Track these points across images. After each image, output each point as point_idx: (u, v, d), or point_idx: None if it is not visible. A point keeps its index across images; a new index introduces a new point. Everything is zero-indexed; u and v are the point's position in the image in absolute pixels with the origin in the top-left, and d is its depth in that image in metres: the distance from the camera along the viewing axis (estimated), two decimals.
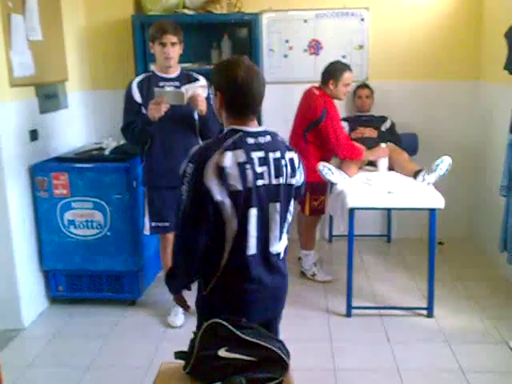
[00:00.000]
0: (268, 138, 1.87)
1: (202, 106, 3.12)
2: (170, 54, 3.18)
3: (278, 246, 1.93)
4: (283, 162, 1.88)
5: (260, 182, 1.81)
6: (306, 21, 4.60)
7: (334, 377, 2.89)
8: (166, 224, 3.38)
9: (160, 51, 3.19)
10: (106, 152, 3.80)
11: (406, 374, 2.91)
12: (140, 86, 3.25)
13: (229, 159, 1.76)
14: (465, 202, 4.81)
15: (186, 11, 4.34)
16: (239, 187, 1.77)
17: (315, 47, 4.65)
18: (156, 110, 3.07)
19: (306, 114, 3.88)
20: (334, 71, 3.83)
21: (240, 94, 1.81)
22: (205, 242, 1.84)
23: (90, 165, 3.61)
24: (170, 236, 3.42)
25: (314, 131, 3.82)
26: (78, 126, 4.34)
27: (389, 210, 4.62)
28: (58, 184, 3.55)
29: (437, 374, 2.92)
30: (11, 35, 3.32)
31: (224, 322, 1.93)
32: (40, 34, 3.65)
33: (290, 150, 1.94)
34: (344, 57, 4.59)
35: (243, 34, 4.54)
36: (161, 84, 3.23)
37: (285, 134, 4.12)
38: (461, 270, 4.22)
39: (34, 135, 3.60)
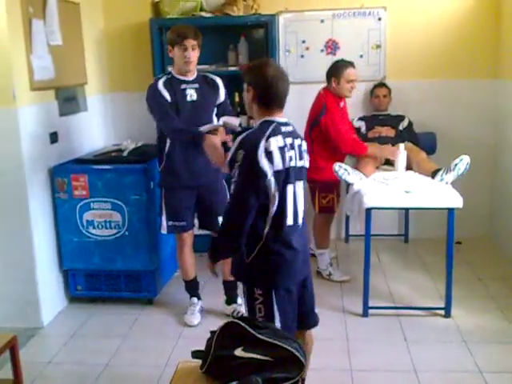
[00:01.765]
0: (291, 127, 2.23)
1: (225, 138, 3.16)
2: (191, 57, 3.19)
3: (302, 217, 2.24)
4: (303, 147, 2.26)
5: (292, 163, 2.14)
6: (322, 21, 4.58)
7: (351, 376, 2.88)
8: (183, 223, 3.38)
9: (181, 55, 3.18)
10: (125, 154, 3.82)
11: (423, 374, 2.88)
12: (166, 85, 3.23)
13: (273, 144, 2.08)
14: (483, 201, 4.74)
15: (204, 14, 4.36)
16: (281, 167, 2.09)
17: (332, 47, 4.63)
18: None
19: (310, 114, 3.97)
20: (335, 69, 3.87)
21: (270, 89, 2.13)
22: (253, 217, 2.09)
23: (109, 166, 3.65)
24: (186, 236, 3.44)
25: (317, 128, 3.85)
26: (97, 129, 4.37)
27: (406, 209, 4.58)
28: (78, 185, 3.59)
29: (454, 374, 2.88)
30: (32, 40, 3.36)
31: (240, 322, 1.93)
32: (60, 38, 3.69)
33: (302, 138, 2.31)
34: (361, 56, 4.57)
35: (260, 35, 4.54)
36: (182, 87, 3.24)
37: (301, 134, 4.14)
38: (479, 270, 4.16)
39: (54, 137, 3.64)
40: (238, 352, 1.85)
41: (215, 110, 3.37)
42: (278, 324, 2.15)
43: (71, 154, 3.85)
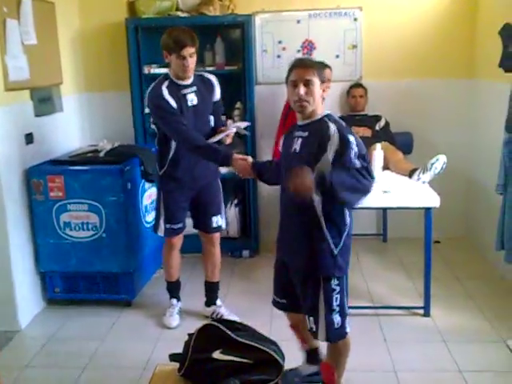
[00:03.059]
0: None
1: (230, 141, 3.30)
2: (190, 65, 3.10)
3: None
4: None
5: None
6: (299, 21, 4.57)
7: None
8: (180, 225, 3.35)
9: (179, 64, 3.07)
10: (101, 154, 3.77)
11: (403, 374, 2.88)
12: (170, 93, 3.09)
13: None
14: (461, 201, 4.78)
15: (179, 14, 4.32)
16: None
17: (308, 47, 4.62)
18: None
19: (283, 111, 4.00)
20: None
21: None
22: None
23: (86, 167, 3.60)
24: (179, 238, 3.39)
25: (289, 117, 3.86)
26: (73, 129, 4.31)
27: (384, 209, 4.59)
28: (54, 186, 3.53)
29: (434, 373, 2.89)
30: (6, 40, 3.30)
31: (218, 324, 1.92)
32: (35, 38, 3.62)
33: None
34: (338, 56, 4.57)
35: (236, 36, 4.51)
36: (183, 92, 3.14)
37: (275, 131, 4.14)
38: (458, 269, 4.19)
39: (29, 138, 3.58)
40: (216, 355, 1.84)
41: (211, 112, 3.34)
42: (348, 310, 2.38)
43: (47, 154, 3.78)
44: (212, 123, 3.31)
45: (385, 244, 4.77)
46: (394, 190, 3.41)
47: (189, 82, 3.19)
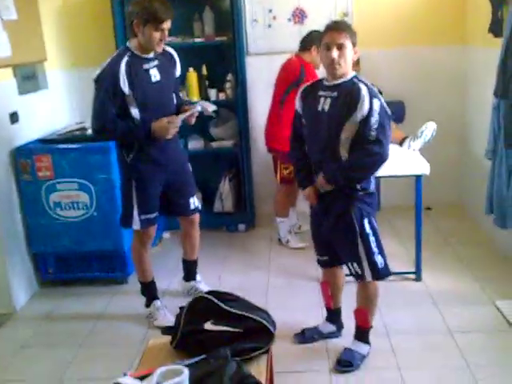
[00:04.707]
0: None
1: (192, 122, 3.16)
2: (165, 39, 2.96)
3: None
4: None
5: None
6: None
7: (325, 341, 2.97)
8: (155, 214, 3.17)
9: (154, 36, 2.87)
10: (89, 131, 3.76)
11: (395, 336, 2.98)
12: (128, 72, 2.88)
13: None
14: (452, 167, 4.82)
15: None
16: None
17: (299, 16, 4.59)
18: (171, 133, 2.99)
19: (285, 78, 3.91)
20: (316, 37, 3.78)
21: None
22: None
23: (73, 145, 3.59)
24: (153, 229, 3.24)
25: (294, 93, 3.81)
26: (60, 107, 4.29)
27: (376, 177, 4.61)
28: (42, 166, 3.54)
29: (424, 335, 2.98)
30: None
31: (209, 296, 1.96)
32: (15, 13, 3.58)
33: None
34: None
35: (225, 5, 4.45)
36: (145, 67, 2.98)
37: (267, 103, 4.14)
38: (449, 234, 4.26)
39: (14, 118, 3.57)
40: (208, 326, 1.88)
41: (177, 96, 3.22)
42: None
43: (34, 134, 3.78)
44: (175, 101, 3.17)
45: (378, 212, 4.77)
46: None
47: (151, 55, 3.00)
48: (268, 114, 4.12)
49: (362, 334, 2.81)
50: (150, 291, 3.34)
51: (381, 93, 4.45)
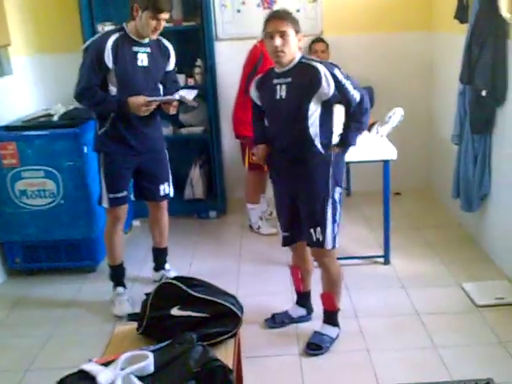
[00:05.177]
0: None
1: (172, 112, 3.14)
2: (160, 29, 2.99)
3: None
4: None
5: None
6: None
7: (295, 325, 3.00)
8: (125, 193, 3.18)
9: (150, 24, 2.92)
10: (55, 118, 3.71)
11: (363, 318, 3.02)
12: (114, 48, 2.94)
13: None
14: (421, 152, 4.88)
15: None
16: None
17: (268, 1, 4.56)
18: (144, 111, 2.99)
19: (247, 64, 3.94)
20: None
21: None
22: None
23: (39, 132, 3.53)
24: (124, 209, 3.24)
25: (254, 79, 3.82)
26: (25, 93, 4.20)
27: (346, 163, 4.64)
28: (7, 154, 3.47)
29: (392, 317, 3.03)
30: None
31: (175, 282, 1.96)
32: None
33: None
34: (298, 11, 4.51)
35: None
36: (134, 49, 3.01)
37: (236, 90, 4.13)
38: (417, 219, 4.33)
39: None
40: (174, 311, 1.88)
41: (161, 88, 3.21)
42: None
43: None
44: (161, 92, 3.19)
45: (348, 198, 4.85)
46: None
47: (145, 41, 3.06)
48: (235, 101, 4.12)
49: (330, 317, 2.85)
50: (115, 275, 3.34)
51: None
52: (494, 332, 2.82)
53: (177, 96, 3.09)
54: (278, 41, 2.50)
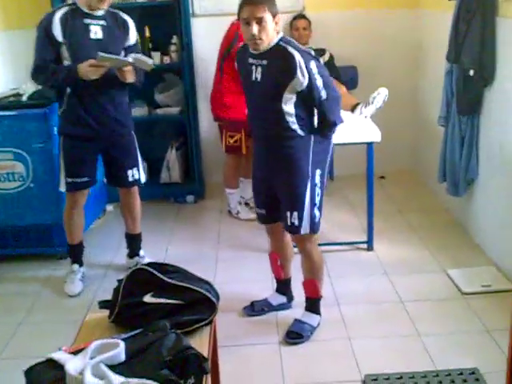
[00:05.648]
0: None
1: (129, 79, 3.06)
2: None
3: None
4: None
5: None
6: None
7: (275, 313, 3.00)
8: (85, 179, 3.18)
9: None
10: (24, 98, 3.66)
11: (345, 306, 3.03)
12: (63, 20, 2.94)
13: None
14: (406, 135, 4.89)
15: None
16: None
17: None
18: (93, 72, 2.91)
19: (222, 44, 3.92)
20: None
21: None
22: None
23: (7, 112, 3.48)
24: (81, 194, 3.24)
25: (229, 60, 3.78)
26: None
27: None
28: None
29: (375, 305, 3.04)
30: None
31: (148, 268, 1.93)
32: None
33: None
34: None
35: None
36: (86, 21, 2.98)
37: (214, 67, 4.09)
38: (402, 203, 4.35)
39: None
40: (147, 298, 1.85)
41: (123, 53, 3.14)
42: None
43: None
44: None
45: (331, 182, 4.84)
46: None
47: (98, 13, 3.01)
48: (213, 81, 4.09)
49: (312, 305, 2.85)
50: (72, 254, 3.42)
51: (332, 58, 4.49)
52: (480, 320, 2.83)
53: (130, 58, 3.01)
54: (254, 28, 2.41)
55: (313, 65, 2.47)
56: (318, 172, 2.65)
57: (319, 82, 2.48)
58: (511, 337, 2.19)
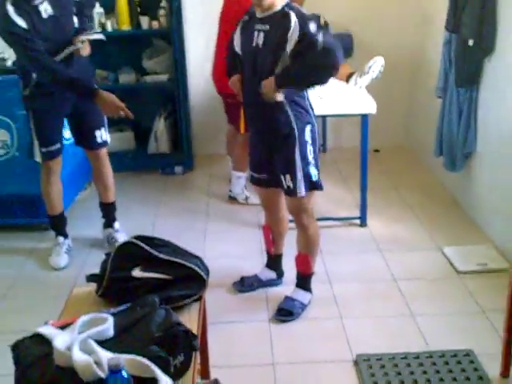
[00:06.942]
0: None
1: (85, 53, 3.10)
2: None
3: None
4: None
5: None
6: None
7: (265, 290, 3.04)
8: (58, 146, 3.24)
9: None
10: (8, 63, 3.66)
11: (337, 283, 3.07)
12: (17, 10, 2.81)
13: None
14: (402, 106, 4.89)
15: None
16: None
17: None
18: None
19: (224, 16, 3.69)
20: None
21: None
22: None
23: None
24: (57, 161, 3.27)
25: None
26: None
27: (322, 117, 4.64)
28: None
29: (368, 283, 3.08)
30: None
31: (137, 242, 1.96)
32: None
33: None
34: None
35: None
36: (34, 3, 2.87)
37: (207, 34, 4.02)
38: (397, 178, 4.36)
39: None
40: (136, 272, 1.88)
41: (74, 9, 3.11)
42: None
43: None
44: (76, 25, 3.12)
45: (324, 154, 4.85)
46: (329, 96, 3.44)
47: None
48: (214, 54, 3.82)
49: (303, 281, 2.89)
50: (55, 226, 3.46)
51: (327, 25, 4.42)
52: (476, 300, 2.87)
53: (79, 44, 3.03)
54: None
55: (312, 25, 2.44)
56: (308, 128, 2.64)
57: (318, 36, 2.45)
58: (507, 318, 2.24)
